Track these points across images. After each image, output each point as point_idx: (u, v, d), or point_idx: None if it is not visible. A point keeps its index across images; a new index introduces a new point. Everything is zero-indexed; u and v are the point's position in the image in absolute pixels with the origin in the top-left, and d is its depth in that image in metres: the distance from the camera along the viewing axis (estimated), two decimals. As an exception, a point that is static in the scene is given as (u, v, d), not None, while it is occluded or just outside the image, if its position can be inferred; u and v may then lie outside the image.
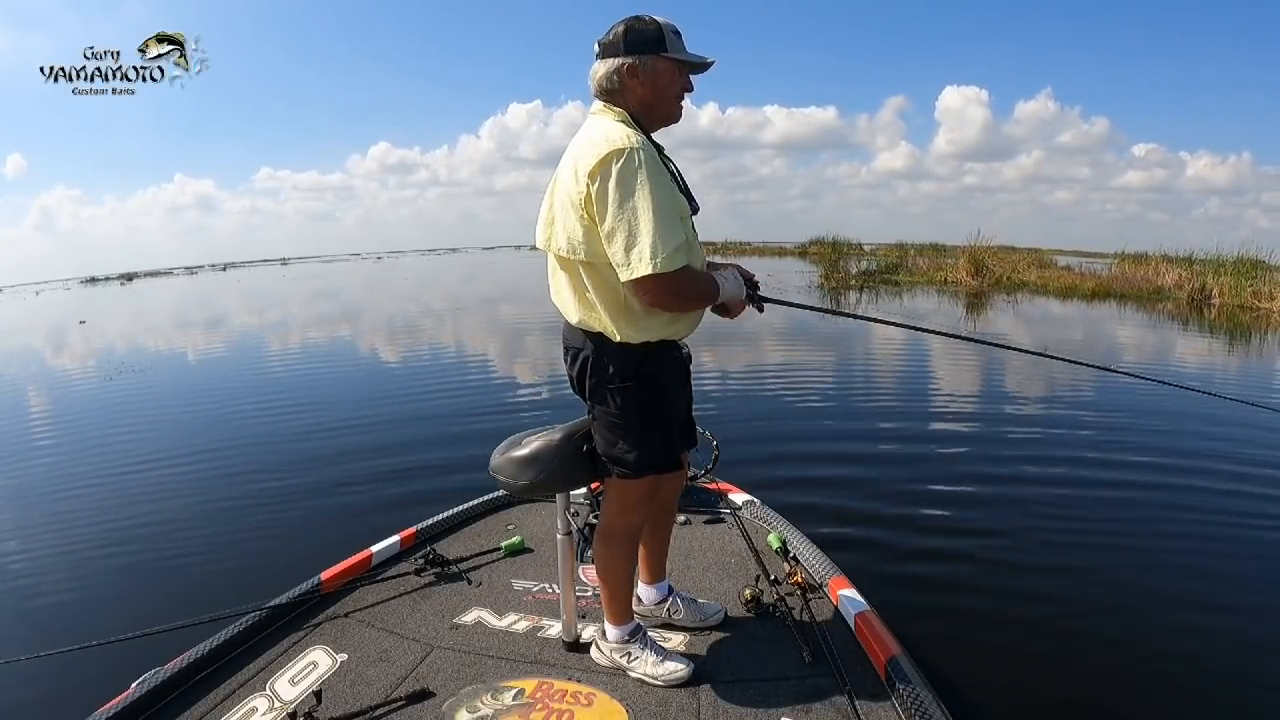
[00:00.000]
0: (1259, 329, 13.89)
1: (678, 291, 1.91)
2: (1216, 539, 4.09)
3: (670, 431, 2.14)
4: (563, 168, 1.98)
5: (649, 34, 1.94)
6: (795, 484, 4.72)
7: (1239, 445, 5.83)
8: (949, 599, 3.41)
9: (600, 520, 2.29)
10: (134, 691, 2.11)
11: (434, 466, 5.36)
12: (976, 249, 23.36)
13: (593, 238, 1.89)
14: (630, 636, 2.25)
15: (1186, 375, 8.80)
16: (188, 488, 5.27)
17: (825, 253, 28.58)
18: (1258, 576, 3.77)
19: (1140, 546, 3.99)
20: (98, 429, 7.35)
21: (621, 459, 2.08)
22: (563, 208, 1.95)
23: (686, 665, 2.20)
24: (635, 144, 1.84)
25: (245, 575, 3.71)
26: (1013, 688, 2.79)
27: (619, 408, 2.04)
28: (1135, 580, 3.62)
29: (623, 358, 2.00)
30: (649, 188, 1.82)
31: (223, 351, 12.81)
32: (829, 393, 7.84)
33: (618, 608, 2.26)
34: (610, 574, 2.24)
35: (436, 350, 11.78)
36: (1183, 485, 4.91)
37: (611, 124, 1.93)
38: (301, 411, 7.52)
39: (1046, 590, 3.50)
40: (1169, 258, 22.35)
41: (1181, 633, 3.14)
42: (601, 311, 1.98)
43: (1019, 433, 6.36)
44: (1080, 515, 4.32)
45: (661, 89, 1.98)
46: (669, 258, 1.81)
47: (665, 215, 1.83)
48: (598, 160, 1.82)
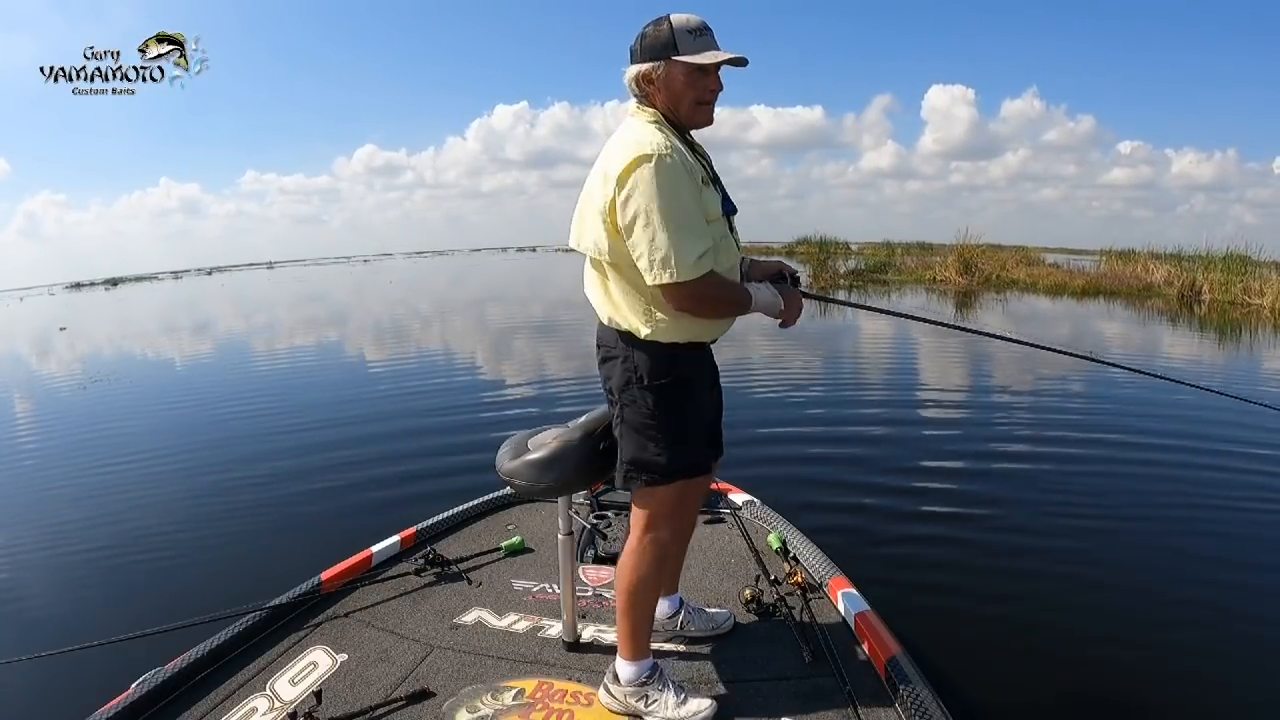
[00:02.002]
0: (1250, 325, 13.96)
1: (703, 298, 1.89)
2: (1218, 540, 4.10)
3: (701, 434, 2.10)
4: (594, 169, 1.96)
5: (661, 38, 1.89)
6: (795, 484, 4.73)
7: (1239, 439, 5.90)
8: (949, 599, 3.42)
9: (628, 541, 2.12)
10: (134, 691, 2.10)
11: (434, 466, 5.36)
12: (965, 247, 23.19)
13: (617, 240, 1.88)
14: (649, 677, 2.08)
15: (1185, 371, 8.86)
16: (187, 488, 5.26)
17: (813, 252, 28.55)
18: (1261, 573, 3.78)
19: (1141, 547, 3.99)
20: (95, 431, 7.31)
21: (652, 463, 2.01)
22: (590, 209, 1.93)
23: (711, 704, 2.06)
24: (663, 149, 1.81)
25: (245, 575, 3.70)
26: (1013, 687, 2.80)
27: (650, 408, 1.98)
28: (1136, 580, 3.63)
29: (654, 357, 1.96)
30: (673, 194, 1.80)
31: (215, 355, 12.75)
32: (828, 391, 7.86)
33: (640, 642, 2.09)
34: (635, 602, 2.07)
35: (435, 351, 11.79)
36: (1184, 484, 4.93)
37: (642, 126, 1.92)
38: (300, 413, 7.50)
39: (1047, 590, 3.51)
40: (1157, 254, 22.35)
41: (1182, 633, 3.14)
42: (628, 310, 1.96)
43: (1019, 432, 6.36)
44: (1081, 516, 4.32)
45: (677, 94, 1.93)
46: (692, 265, 1.80)
47: (688, 222, 1.82)
48: (624, 166, 1.80)
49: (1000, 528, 4.15)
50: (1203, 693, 2.79)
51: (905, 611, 2.84)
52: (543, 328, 13.48)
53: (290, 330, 16.31)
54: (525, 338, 12.64)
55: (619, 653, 2.11)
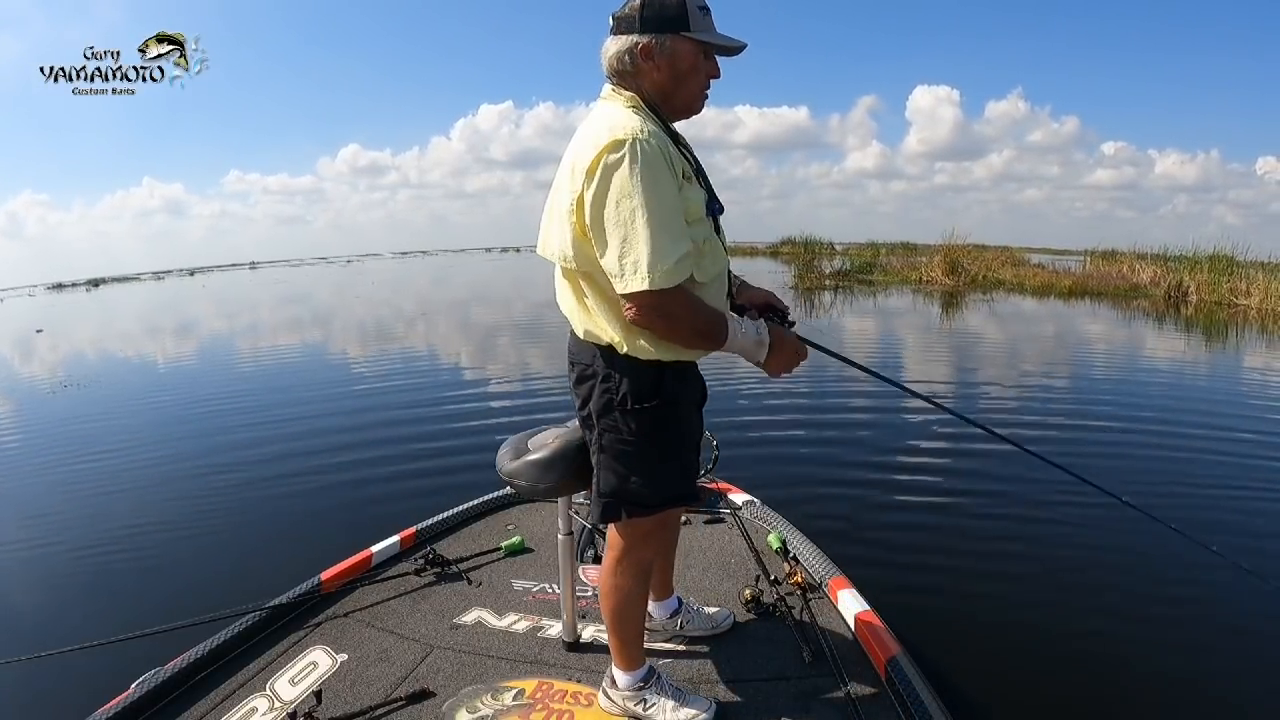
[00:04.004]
0: (1236, 325, 14.04)
1: (671, 316, 1.65)
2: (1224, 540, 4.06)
3: (692, 459, 1.94)
4: (562, 164, 1.74)
5: (669, 9, 1.67)
6: (795, 484, 4.72)
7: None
8: (949, 599, 3.42)
9: (606, 559, 2.03)
10: (134, 692, 2.10)
11: (434, 467, 5.34)
12: (951, 247, 23.02)
13: (584, 244, 1.67)
14: (644, 682, 2.04)
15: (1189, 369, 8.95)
16: (187, 489, 5.21)
17: (797, 253, 28.44)
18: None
19: (1143, 547, 3.96)
20: (92, 432, 7.21)
21: (636, 494, 1.84)
22: (558, 210, 1.72)
23: (708, 708, 2.03)
24: (640, 135, 1.59)
25: (245, 575, 3.68)
26: (1013, 687, 2.80)
27: (633, 432, 1.80)
28: (1138, 581, 3.63)
29: (637, 374, 1.76)
30: (651, 186, 1.57)
31: (205, 357, 12.52)
32: (828, 391, 7.84)
33: (631, 653, 2.04)
34: (621, 617, 2.00)
35: (436, 351, 11.71)
36: (1190, 484, 4.94)
37: (618, 111, 1.68)
38: (299, 413, 7.43)
39: (1048, 590, 3.51)
40: (1142, 255, 22.41)
41: (1183, 633, 3.15)
42: (606, 323, 1.75)
43: (1020, 431, 6.25)
44: (1082, 516, 4.30)
45: (681, 74, 1.72)
46: (668, 271, 1.57)
47: (667, 220, 1.59)
48: (595, 154, 1.59)
49: (1002, 528, 4.14)
50: (1204, 695, 2.78)
51: (905, 611, 2.84)
52: (542, 328, 13.41)
53: (285, 331, 16.11)
54: (525, 338, 12.59)
55: (613, 662, 2.08)
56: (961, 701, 2.40)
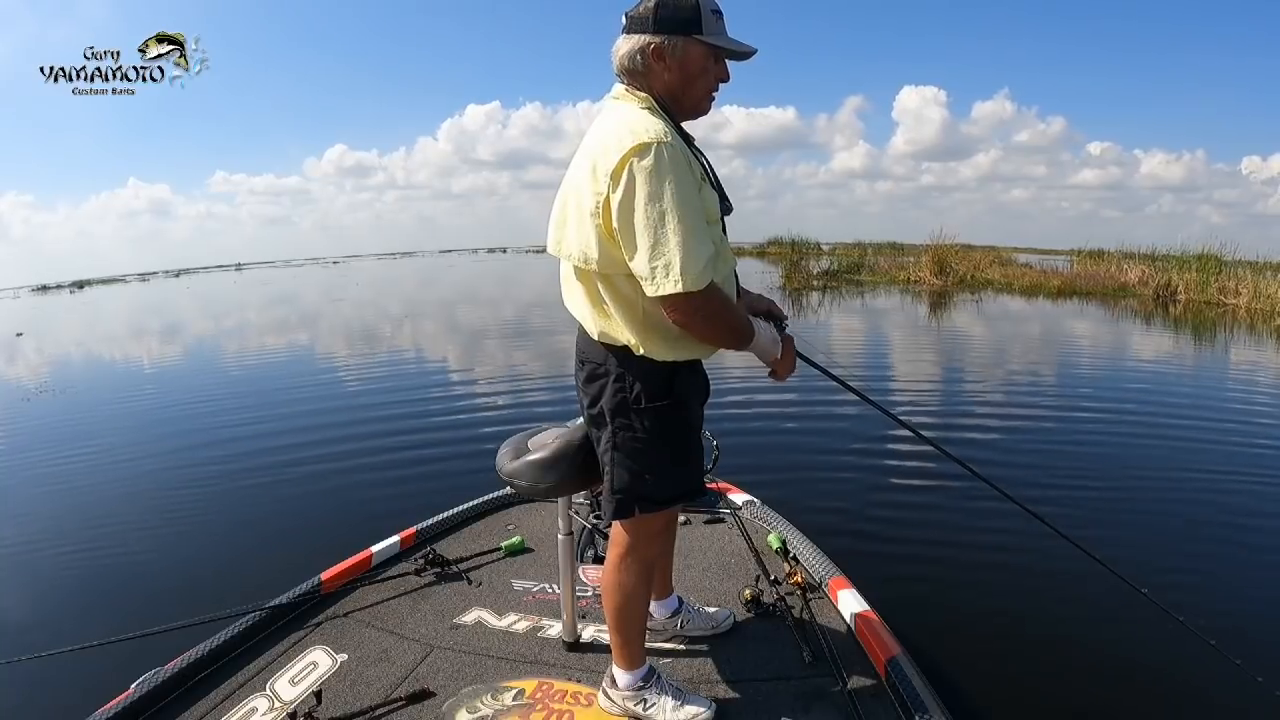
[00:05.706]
0: (1225, 324, 14.13)
1: (710, 316, 1.69)
2: (1224, 540, 4.10)
3: (700, 454, 1.97)
4: (578, 163, 1.73)
5: (683, 11, 1.68)
6: (795, 484, 4.74)
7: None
8: (949, 599, 3.43)
9: (609, 556, 2.05)
10: (134, 692, 2.09)
11: (434, 467, 5.34)
12: (939, 247, 22.98)
13: (610, 246, 1.66)
14: (644, 682, 2.05)
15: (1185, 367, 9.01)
16: (187, 489, 5.19)
17: (785, 253, 28.36)
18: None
19: (1143, 547, 4.00)
20: (90, 432, 7.16)
21: (649, 493, 1.87)
22: (577, 210, 1.70)
23: (708, 707, 2.04)
24: (664, 138, 1.60)
25: (245, 575, 3.67)
26: (1013, 687, 2.81)
27: (646, 430, 1.81)
28: (1140, 581, 3.64)
29: (651, 375, 1.78)
30: (678, 190, 1.58)
31: (198, 359, 12.35)
32: (828, 391, 7.84)
33: (633, 651, 2.05)
34: (624, 615, 2.01)
35: (435, 352, 11.69)
36: (1190, 482, 5.00)
37: (635, 112, 1.69)
38: (298, 414, 7.40)
39: (1048, 590, 3.52)
40: (1129, 254, 22.52)
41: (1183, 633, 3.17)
42: (623, 324, 1.76)
43: (1020, 432, 6.35)
44: (1083, 516, 4.33)
45: (691, 77, 1.73)
46: (699, 274, 1.59)
47: (694, 223, 1.60)
48: (620, 157, 1.58)
49: (1002, 528, 4.12)
50: (1205, 695, 2.78)
51: (905, 611, 2.84)
52: (540, 328, 13.40)
53: (279, 332, 15.92)
54: (524, 338, 12.57)
55: (613, 661, 2.09)
56: (961, 701, 2.41)
